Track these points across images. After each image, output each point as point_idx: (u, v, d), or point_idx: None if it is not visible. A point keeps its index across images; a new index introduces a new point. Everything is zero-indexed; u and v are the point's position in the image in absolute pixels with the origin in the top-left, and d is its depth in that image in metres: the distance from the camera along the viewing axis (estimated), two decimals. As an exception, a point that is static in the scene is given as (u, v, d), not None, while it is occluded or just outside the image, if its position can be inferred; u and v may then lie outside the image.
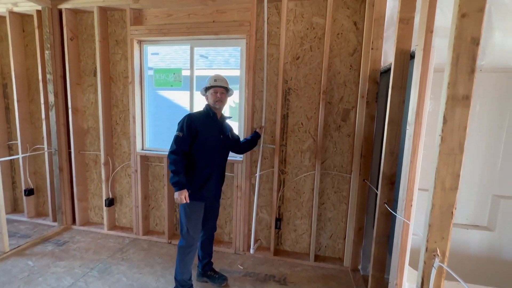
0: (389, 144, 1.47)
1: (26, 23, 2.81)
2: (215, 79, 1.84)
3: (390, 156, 1.48)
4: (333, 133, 2.27)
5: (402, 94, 1.44)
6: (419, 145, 1.24)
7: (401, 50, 1.42)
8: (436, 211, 0.92)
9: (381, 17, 1.91)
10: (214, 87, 1.83)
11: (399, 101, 1.44)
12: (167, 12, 2.41)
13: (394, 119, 1.45)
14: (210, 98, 1.84)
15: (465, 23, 0.84)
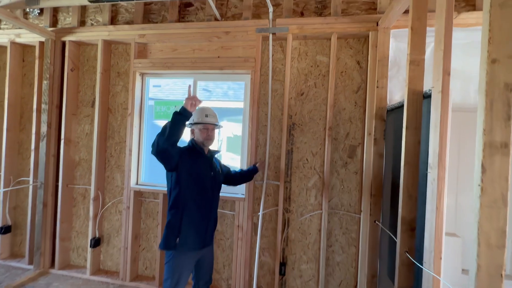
0: (406, 186, 1.39)
1: (27, 53, 2.78)
2: (206, 114, 1.70)
3: (409, 200, 1.38)
4: (340, 170, 2.19)
5: (417, 135, 1.39)
6: (444, 190, 1.16)
7: (413, 91, 1.40)
8: (483, 274, 0.81)
9: (385, 57, 1.95)
10: (204, 123, 1.70)
11: (415, 141, 1.39)
12: (172, 47, 2.43)
13: (411, 160, 1.39)
14: (199, 135, 1.69)
15: (496, 69, 0.80)
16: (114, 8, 2.56)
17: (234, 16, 2.34)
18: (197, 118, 1.70)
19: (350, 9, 2.16)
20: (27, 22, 2.35)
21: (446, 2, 1.15)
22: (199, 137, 1.70)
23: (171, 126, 1.48)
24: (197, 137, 1.71)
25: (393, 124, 1.87)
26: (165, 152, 1.49)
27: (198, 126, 1.70)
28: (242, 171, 2.05)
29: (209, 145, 1.74)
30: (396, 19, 1.86)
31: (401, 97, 1.97)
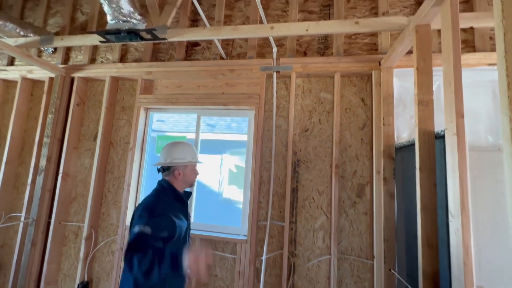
0: (425, 235, 1.26)
1: (36, 88, 2.85)
2: (194, 153, 1.58)
3: (429, 250, 1.25)
4: (348, 210, 2.06)
5: (432, 177, 1.30)
6: (470, 241, 1.04)
7: (424, 131, 1.35)
8: None
9: (389, 96, 1.95)
10: (197, 162, 1.59)
11: (430, 184, 1.30)
12: (178, 83, 2.47)
13: (428, 205, 1.28)
14: (191, 176, 1.53)
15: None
16: (124, 47, 2.67)
17: (239, 55, 2.42)
18: (191, 157, 1.54)
19: (352, 49, 2.22)
20: (39, 59, 2.44)
21: (453, 44, 1.15)
22: (189, 178, 1.53)
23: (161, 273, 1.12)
24: (186, 179, 1.52)
25: (403, 163, 1.80)
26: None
27: (190, 166, 1.53)
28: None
29: (194, 185, 1.69)
30: (399, 60, 1.89)
31: (409, 135, 1.92)
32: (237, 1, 2.50)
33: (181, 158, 1.50)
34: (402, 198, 1.79)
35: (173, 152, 1.51)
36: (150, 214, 1.26)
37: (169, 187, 1.48)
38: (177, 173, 1.48)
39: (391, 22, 1.63)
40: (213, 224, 2.26)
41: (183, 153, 1.52)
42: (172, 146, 1.54)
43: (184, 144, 1.57)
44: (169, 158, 1.50)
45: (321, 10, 2.32)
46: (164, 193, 1.45)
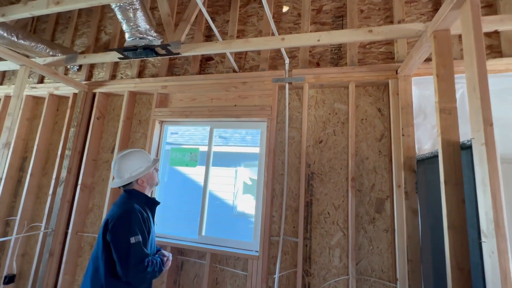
0: (455, 257, 1.13)
1: (62, 104, 3.03)
2: (147, 156, 1.59)
3: (460, 274, 1.11)
4: (367, 227, 1.93)
5: (459, 192, 1.18)
6: (508, 266, 0.91)
7: (447, 141, 1.25)
8: None
9: (408, 105, 1.85)
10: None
11: (457, 200, 1.18)
12: (192, 96, 2.52)
13: (456, 223, 1.16)
14: (153, 178, 1.56)
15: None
16: (142, 64, 2.79)
17: (251, 68, 2.43)
18: (147, 162, 1.55)
19: (366, 58, 2.17)
20: (64, 77, 2.60)
21: (476, 47, 1.07)
22: (152, 181, 1.56)
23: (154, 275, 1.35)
24: (150, 182, 1.55)
25: (425, 176, 1.67)
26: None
27: (149, 170, 1.54)
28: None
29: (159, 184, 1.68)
30: (417, 67, 1.81)
31: (431, 146, 1.80)
32: (250, 16, 2.55)
33: (139, 169, 1.50)
34: (426, 215, 1.65)
35: (128, 166, 1.48)
36: (131, 221, 1.31)
37: (138, 194, 1.48)
38: (140, 182, 1.49)
39: (407, 29, 1.58)
40: (224, 238, 2.20)
41: (138, 163, 1.51)
42: (124, 160, 1.50)
43: (133, 153, 1.54)
44: (128, 174, 1.47)
45: (333, 21, 2.31)
46: (136, 199, 1.45)
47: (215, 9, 2.67)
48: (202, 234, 2.26)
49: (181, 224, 2.37)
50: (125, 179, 1.45)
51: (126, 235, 1.26)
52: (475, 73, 1.07)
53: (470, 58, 1.10)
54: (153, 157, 1.60)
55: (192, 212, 2.36)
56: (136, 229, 1.30)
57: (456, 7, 1.19)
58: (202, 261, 2.19)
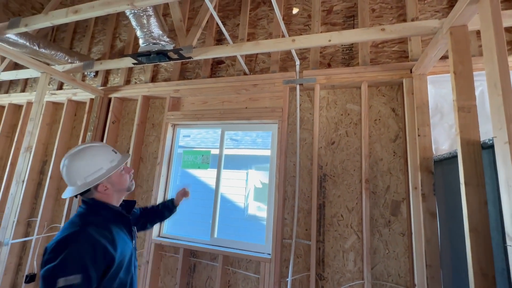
0: (478, 262, 1.08)
1: (80, 109, 3.14)
2: (113, 149, 1.16)
3: (483, 280, 1.06)
4: (382, 230, 1.87)
5: (481, 193, 1.13)
6: (537, 272, 0.85)
7: (467, 141, 1.20)
8: None
9: (424, 104, 1.80)
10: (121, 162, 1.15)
11: (479, 201, 1.13)
12: (203, 100, 2.55)
13: (478, 226, 1.10)
14: (121, 182, 1.12)
15: None
16: (155, 69, 2.86)
17: (262, 70, 2.44)
18: (107, 161, 1.09)
19: (379, 58, 2.13)
20: (82, 83, 2.70)
21: (496, 42, 1.03)
22: (121, 185, 1.12)
23: None
24: (117, 187, 1.11)
25: (443, 177, 1.61)
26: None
27: (112, 174, 1.09)
28: (153, 208, 1.58)
29: (133, 188, 1.21)
30: (433, 65, 1.75)
31: (449, 147, 1.73)
32: (260, 19, 2.57)
33: (98, 171, 1.06)
34: (445, 218, 1.58)
35: (80, 169, 1.04)
36: (67, 255, 0.87)
37: (99, 205, 1.07)
38: (101, 188, 1.06)
39: (421, 26, 1.54)
40: (236, 240, 2.20)
41: (95, 163, 1.06)
42: (74, 161, 1.05)
43: (87, 151, 1.08)
44: (81, 180, 1.04)
45: (344, 22, 2.29)
46: (95, 214, 1.03)
47: (226, 13, 2.70)
48: (214, 236, 2.27)
49: (193, 226, 2.39)
50: (79, 187, 1.03)
51: (53, 275, 0.84)
52: (496, 69, 1.03)
53: (491, 53, 1.05)
54: (122, 152, 1.20)
55: (204, 215, 2.38)
56: (74, 267, 0.86)
57: (474, 2, 1.15)
58: (214, 263, 2.19)
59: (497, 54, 1.04)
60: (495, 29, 1.05)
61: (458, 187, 1.24)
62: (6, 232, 2.06)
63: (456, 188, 1.40)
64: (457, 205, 1.41)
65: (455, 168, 1.28)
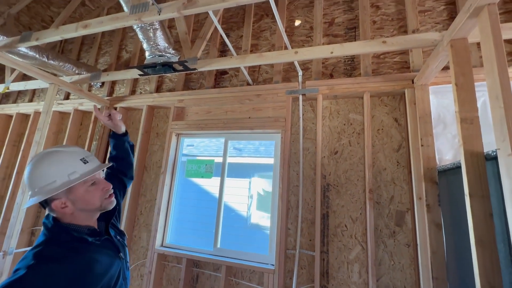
0: (485, 275, 1.06)
1: (85, 118, 3.19)
2: (84, 157, 0.89)
3: (491, 294, 1.04)
4: (387, 241, 1.85)
5: (486, 205, 1.12)
6: (546, 287, 0.84)
7: (471, 152, 1.20)
8: None
9: (427, 114, 1.80)
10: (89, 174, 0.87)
11: (484, 213, 1.12)
12: (207, 109, 2.59)
13: (484, 239, 1.09)
14: (89, 199, 0.87)
15: None
16: (160, 79, 2.92)
17: (265, 81, 2.48)
18: (66, 172, 0.85)
19: (381, 68, 2.15)
20: (88, 93, 2.75)
21: (496, 56, 1.04)
22: (89, 204, 0.88)
23: None
24: (83, 206, 0.87)
25: (448, 188, 1.60)
26: None
27: (79, 186, 0.85)
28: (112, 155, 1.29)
29: (111, 206, 0.94)
30: (434, 76, 1.77)
31: (453, 157, 1.73)
32: (263, 31, 2.62)
33: (48, 185, 0.82)
34: (451, 229, 1.57)
35: (33, 178, 0.84)
36: None
37: (59, 229, 0.84)
38: (59, 205, 0.83)
39: (422, 39, 1.56)
40: (239, 250, 2.19)
41: (47, 174, 0.83)
42: (31, 167, 0.86)
43: (47, 157, 0.86)
44: (33, 188, 0.84)
45: (346, 33, 2.33)
46: (53, 243, 0.81)
47: (229, 25, 2.77)
48: (217, 246, 2.25)
49: (196, 235, 2.39)
50: (30, 201, 0.83)
51: None
52: (497, 82, 1.04)
53: (491, 66, 1.07)
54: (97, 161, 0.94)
55: (206, 223, 2.38)
56: None
57: (474, 16, 1.18)
58: (217, 274, 2.17)
59: (497, 67, 1.05)
60: (495, 42, 1.07)
61: (462, 198, 1.23)
62: (11, 241, 2.07)
63: (461, 199, 1.39)
64: (462, 217, 1.40)
65: (460, 179, 1.27)
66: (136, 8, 1.49)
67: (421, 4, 2.15)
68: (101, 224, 0.98)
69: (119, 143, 1.29)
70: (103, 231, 0.96)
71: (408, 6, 2.13)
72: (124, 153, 1.30)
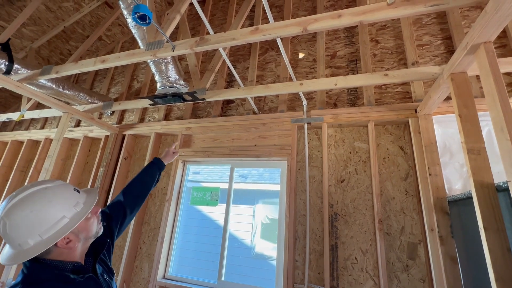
0: (509, 316, 1.00)
1: (94, 145, 3.26)
2: (73, 187, 0.85)
3: None
4: (400, 276, 1.76)
5: (503, 239, 1.09)
6: None
7: (480, 183, 1.19)
8: None
9: (432, 143, 1.82)
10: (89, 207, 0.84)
11: (502, 248, 1.08)
12: (213, 137, 2.64)
13: (505, 276, 1.04)
14: (89, 228, 0.84)
15: None
16: (168, 107, 3.02)
17: (270, 110, 2.55)
18: (74, 202, 0.81)
19: (383, 98, 2.21)
20: (99, 121, 2.84)
21: (497, 91, 1.08)
22: (89, 232, 0.85)
23: None
24: (84, 235, 0.83)
25: (460, 219, 1.56)
26: None
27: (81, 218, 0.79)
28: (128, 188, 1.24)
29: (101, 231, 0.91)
30: (437, 106, 1.81)
31: (462, 186, 1.71)
32: (268, 63, 2.76)
33: (57, 223, 0.76)
34: (467, 263, 1.50)
35: (31, 222, 0.73)
36: None
37: (39, 266, 0.75)
38: (63, 243, 0.77)
39: (422, 72, 1.63)
40: (244, 284, 2.09)
41: (52, 212, 0.76)
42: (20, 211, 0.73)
43: (40, 194, 0.77)
44: (34, 239, 0.73)
45: (348, 65, 2.44)
46: (32, 282, 0.73)
47: (236, 57, 2.92)
48: (221, 279, 2.16)
49: (199, 266, 2.30)
50: (31, 249, 0.72)
51: None
52: (501, 114, 1.06)
53: (493, 100, 1.10)
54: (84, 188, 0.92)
55: (211, 253, 2.30)
56: None
57: (471, 52, 1.24)
58: (221, 310, 2.06)
59: (499, 99, 1.08)
60: (494, 78, 1.12)
61: (477, 230, 1.20)
62: (10, 272, 2.02)
63: (475, 231, 1.35)
64: (478, 250, 1.34)
65: (472, 210, 1.25)
66: (152, 45, 1.60)
67: (419, 39, 2.26)
68: (89, 259, 0.89)
69: (156, 168, 1.36)
70: (89, 268, 0.88)
71: (406, 41, 2.25)
72: (152, 179, 1.32)
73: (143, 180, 1.29)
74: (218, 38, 1.54)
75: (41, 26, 3.27)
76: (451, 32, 2.17)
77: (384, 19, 1.30)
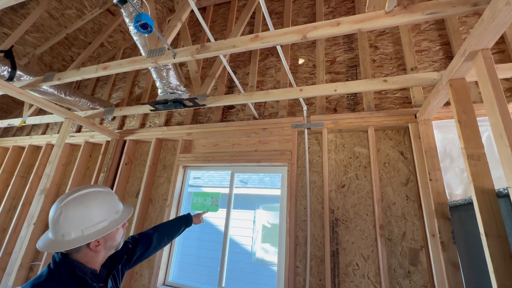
0: (513, 323, 0.99)
1: (95, 150, 3.27)
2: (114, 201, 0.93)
3: None
4: (402, 282, 1.75)
5: (504, 245, 1.09)
6: None
7: (481, 189, 1.19)
8: None
9: (432, 149, 1.82)
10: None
11: (504, 255, 1.08)
12: (214, 142, 2.65)
13: (507, 282, 1.04)
14: (115, 237, 0.91)
15: None
16: (169, 113, 3.03)
17: (270, 115, 2.56)
18: (115, 211, 0.91)
19: (383, 103, 2.23)
20: (100, 126, 2.86)
21: (495, 97, 1.09)
22: (113, 242, 0.91)
23: None
24: (109, 244, 0.90)
25: (462, 225, 1.56)
26: None
27: (116, 226, 0.89)
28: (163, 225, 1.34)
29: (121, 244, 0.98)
30: (437, 112, 1.82)
31: (463, 191, 1.71)
32: (268, 69, 2.78)
33: (98, 224, 0.85)
34: (469, 269, 1.49)
35: (81, 217, 0.83)
36: None
37: (65, 265, 0.82)
38: (93, 245, 0.85)
39: (421, 78, 1.64)
40: (245, 291, 2.07)
41: (98, 213, 0.87)
42: (76, 206, 0.84)
43: (94, 195, 0.89)
44: (76, 232, 0.82)
45: (347, 71, 2.45)
46: (56, 278, 0.79)
47: (236, 63, 2.95)
48: (222, 285, 2.15)
49: (200, 272, 2.29)
50: (72, 240, 0.81)
51: None
52: (499, 120, 1.07)
53: (491, 106, 1.11)
54: (122, 204, 0.99)
55: (211, 258, 2.29)
56: None
57: (469, 59, 1.25)
58: (221, 317, 2.04)
59: (498, 106, 1.09)
60: (493, 84, 1.13)
61: (478, 235, 1.20)
62: (10, 278, 2.01)
63: (476, 237, 1.35)
64: (480, 256, 1.34)
65: (473, 216, 1.25)
66: (153, 53, 1.62)
67: (417, 45, 2.29)
68: (104, 271, 0.95)
69: (184, 223, 1.50)
70: (103, 279, 0.93)
71: (405, 47, 2.27)
72: (178, 229, 1.44)
73: (172, 227, 1.39)
74: (218, 45, 1.56)
75: (44, 33, 3.31)
76: (449, 38, 2.19)
77: (382, 27, 1.31)
